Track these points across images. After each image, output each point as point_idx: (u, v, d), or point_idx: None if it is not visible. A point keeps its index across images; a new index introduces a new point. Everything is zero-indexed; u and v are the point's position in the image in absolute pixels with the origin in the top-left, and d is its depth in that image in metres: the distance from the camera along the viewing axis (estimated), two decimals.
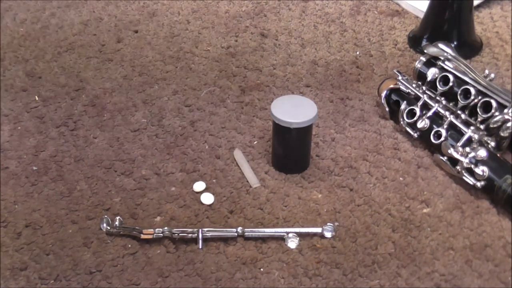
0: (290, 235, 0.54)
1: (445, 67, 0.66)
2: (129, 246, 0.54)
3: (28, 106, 0.70)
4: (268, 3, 0.89)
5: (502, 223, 0.56)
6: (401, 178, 0.60)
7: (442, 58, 0.66)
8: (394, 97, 0.67)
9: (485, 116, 0.60)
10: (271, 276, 0.51)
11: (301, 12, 0.87)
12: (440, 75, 0.65)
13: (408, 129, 0.64)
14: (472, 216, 0.56)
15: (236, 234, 0.54)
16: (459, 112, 0.62)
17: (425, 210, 0.57)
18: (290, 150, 0.60)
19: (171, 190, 0.60)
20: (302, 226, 0.55)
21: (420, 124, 0.62)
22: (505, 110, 0.59)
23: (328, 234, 0.54)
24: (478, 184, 0.57)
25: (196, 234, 0.54)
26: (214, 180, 0.61)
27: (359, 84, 0.73)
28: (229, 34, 0.83)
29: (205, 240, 0.54)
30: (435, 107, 0.63)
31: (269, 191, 0.59)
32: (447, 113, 0.62)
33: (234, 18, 0.86)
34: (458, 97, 0.63)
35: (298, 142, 0.60)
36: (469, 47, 0.78)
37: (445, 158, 0.59)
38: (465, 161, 0.57)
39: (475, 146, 0.58)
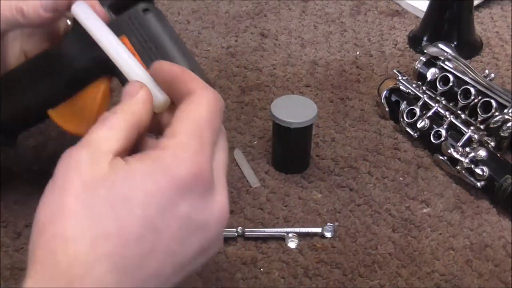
0: (290, 235, 0.54)
1: (445, 67, 0.66)
2: None
3: None
4: (268, 3, 0.89)
5: (502, 223, 0.56)
6: (401, 178, 0.60)
7: (442, 58, 0.66)
8: (394, 97, 0.67)
9: (485, 116, 0.60)
10: (271, 276, 0.51)
11: (301, 12, 0.87)
12: (440, 75, 0.65)
13: (408, 129, 0.64)
14: (472, 216, 0.56)
15: (236, 234, 0.54)
16: (459, 112, 0.62)
17: (425, 210, 0.57)
18: (290, 150, 0.60)
19: None
20: (302, 226, 0.55)
21: (420, 124, 0.62)
22: (505, 110, 0.59)
23: (328, 234, 0.54)
24: (478, 184, 0.57)
25: None
26: None
27: (359, 84, 0.73)
28: (229, 34, 0.83)
29: None
30: (435, 107, 0.63)
31: (269, 191, 0.59)
32: (447, 113, 0.62)
33: (234, 18, 0.86)
34: (458, 97, 0.63)
35: (298, 142, 0.60)
36: (469, 47, 0.78)
37: (445, 158, 0.59)
38: (465, 161, 0.57)
39: (475, 146, 0.58)
